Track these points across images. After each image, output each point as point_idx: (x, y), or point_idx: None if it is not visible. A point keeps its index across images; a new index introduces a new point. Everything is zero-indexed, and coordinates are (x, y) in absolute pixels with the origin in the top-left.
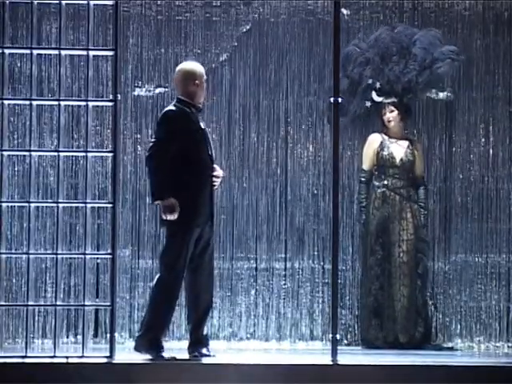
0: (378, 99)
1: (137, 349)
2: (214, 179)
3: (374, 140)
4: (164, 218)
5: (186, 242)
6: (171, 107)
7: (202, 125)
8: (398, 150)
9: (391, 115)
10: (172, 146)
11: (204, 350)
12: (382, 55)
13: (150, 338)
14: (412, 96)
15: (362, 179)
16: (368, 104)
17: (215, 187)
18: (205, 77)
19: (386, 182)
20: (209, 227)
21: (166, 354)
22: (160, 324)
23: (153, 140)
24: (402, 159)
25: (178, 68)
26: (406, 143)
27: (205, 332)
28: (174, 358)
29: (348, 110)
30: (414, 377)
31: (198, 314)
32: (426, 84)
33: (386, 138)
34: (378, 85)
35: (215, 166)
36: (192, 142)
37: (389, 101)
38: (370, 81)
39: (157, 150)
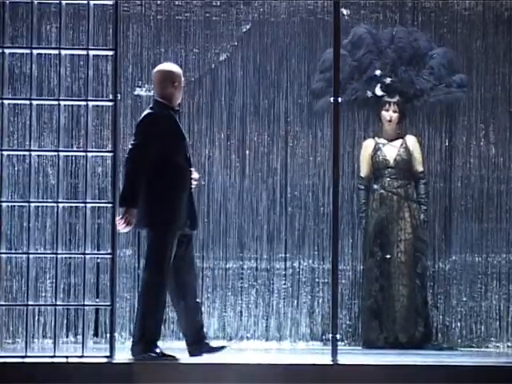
0: (380, 94)
1: (134, 355)
2: (192, 182)
3: (368, 145)
4: (117, 222)
5: (170, 243)
6: (150, 110)
7: (181, 127)
8: (391, 150)
9: (394, 115)
10: (152, 149)
11: (212, 344)
12: (399, 54)
13: (145, 342)
14: (417, 103)
15: (360, 186)
16: (369, 94)
17: (192, 190)
18: (183, 78)
19: (382, 184)
20: (189, 228)
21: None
22: (152, 327)
23: (132, 143)
24: (395, 159)
25: (155, 69)
26: (398, 142)
27: (204, 331)
28: (174, 358)
29: (345, 92)
30: (415, 377)
31: (189, 318)
32: (439, 100)
33: (379, 140)
34: (388, 80)
35: (192, 168)
36: (172, 144)
37: (395, 100)
38: (378, 72)
39: (135, 154)
